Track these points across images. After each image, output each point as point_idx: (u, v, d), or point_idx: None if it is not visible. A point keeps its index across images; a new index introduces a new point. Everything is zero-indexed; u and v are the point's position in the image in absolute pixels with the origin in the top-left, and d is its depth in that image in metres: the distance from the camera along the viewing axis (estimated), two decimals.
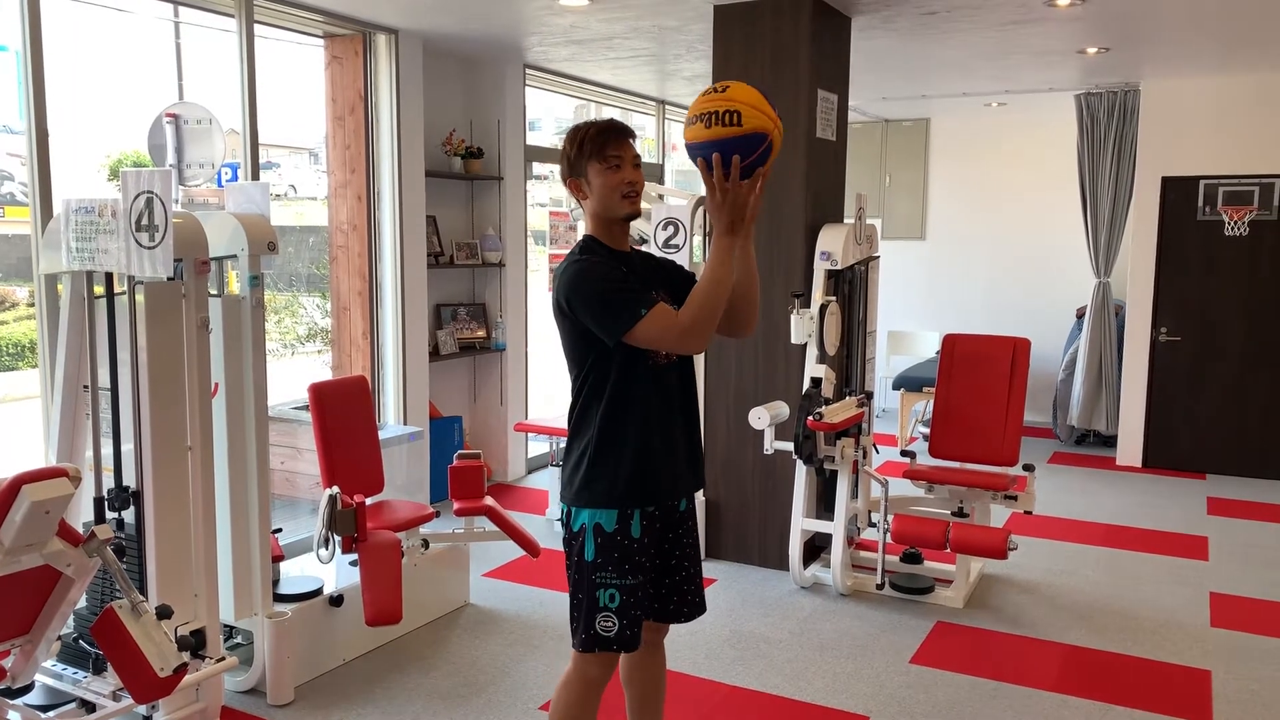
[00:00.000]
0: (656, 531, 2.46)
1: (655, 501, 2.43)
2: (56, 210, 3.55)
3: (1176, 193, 6.75)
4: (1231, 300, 6.69)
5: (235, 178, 4.73)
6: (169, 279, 2.90)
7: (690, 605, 2.58)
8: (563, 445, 5.45)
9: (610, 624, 2.40)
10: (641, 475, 2.38)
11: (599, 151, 2.29)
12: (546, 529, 5.45)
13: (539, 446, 6.72)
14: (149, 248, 2.85)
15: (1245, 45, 5.54)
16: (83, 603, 3.09)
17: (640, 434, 2.37)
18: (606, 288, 2.27)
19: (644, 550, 2.42)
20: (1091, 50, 5.68)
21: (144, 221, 2.85)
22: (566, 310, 2.31)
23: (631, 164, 2.32)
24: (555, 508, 5.64)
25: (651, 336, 2.24)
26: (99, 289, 3.13)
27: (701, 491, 4.96)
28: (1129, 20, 4.97)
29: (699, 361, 4.94)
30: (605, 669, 2.48)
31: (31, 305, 5.73)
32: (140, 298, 2.94)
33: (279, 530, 3.92)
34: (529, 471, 6.70)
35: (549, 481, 5.91)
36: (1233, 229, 6.62)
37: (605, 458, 2.37)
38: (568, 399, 2.48)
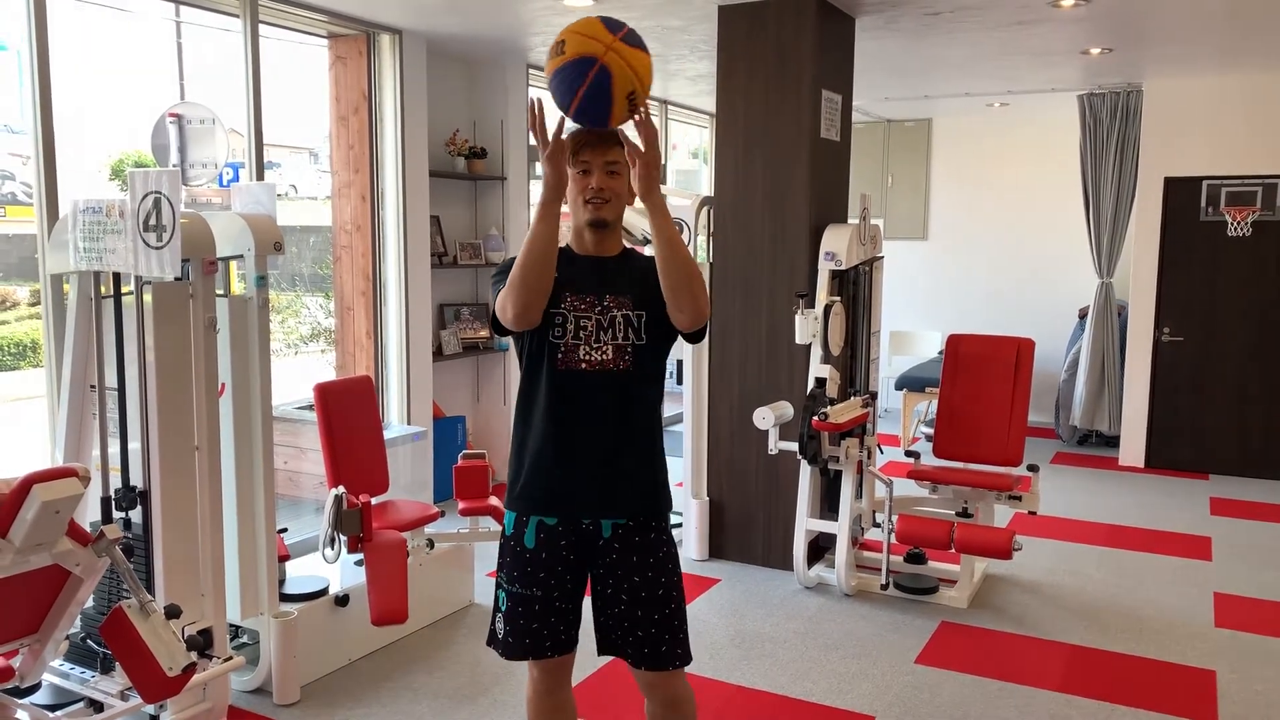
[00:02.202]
0: (562, 549, 2.31)
1: (551, 513, 2.31)
2: (63, 210, 3.56)
3: (1179, 193, 6.75)
4: (1234, 301, 6.70)
5: (236, 178, 4.74)
6: (176, 279, 2.91)
7: (635, 650, 2.31)
8: None
9: (499, 626, 2.38)
10: (534, 482, 2.31)
11: (574, 156, 2.24)
12: None
13: None
14: (156, 248, 2.85)
15: (1248, 45, 5.55)
16: (90, 603, 3.10)
17: (539, 439, 2.30)
18: (492, 281, 2.35)
19: (541, 563, 2.31)
20: (1094, 51, 5.69)
21: (152, 222, 2.86)
22: None
23: (603, 170, 2.23)
24: None
25: (497, 315, 2.28)
26: (106, 289, 3.13)
27: (705, 493, 4.99)
28: (1132, 21, 4.97)
29: (701, 361, 4.94)
30: (537, 681, 2.41)
31: (33, 305, 5.73)
32: (148, 298, 2.95)
33: (284, 530, 3.92)
34: None
35: None
36: (1236, 229, 6.63)
37: (514, 458, 2.38)
38: None
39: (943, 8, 4.69)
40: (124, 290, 3.10)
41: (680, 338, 2.35)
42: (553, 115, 2.20)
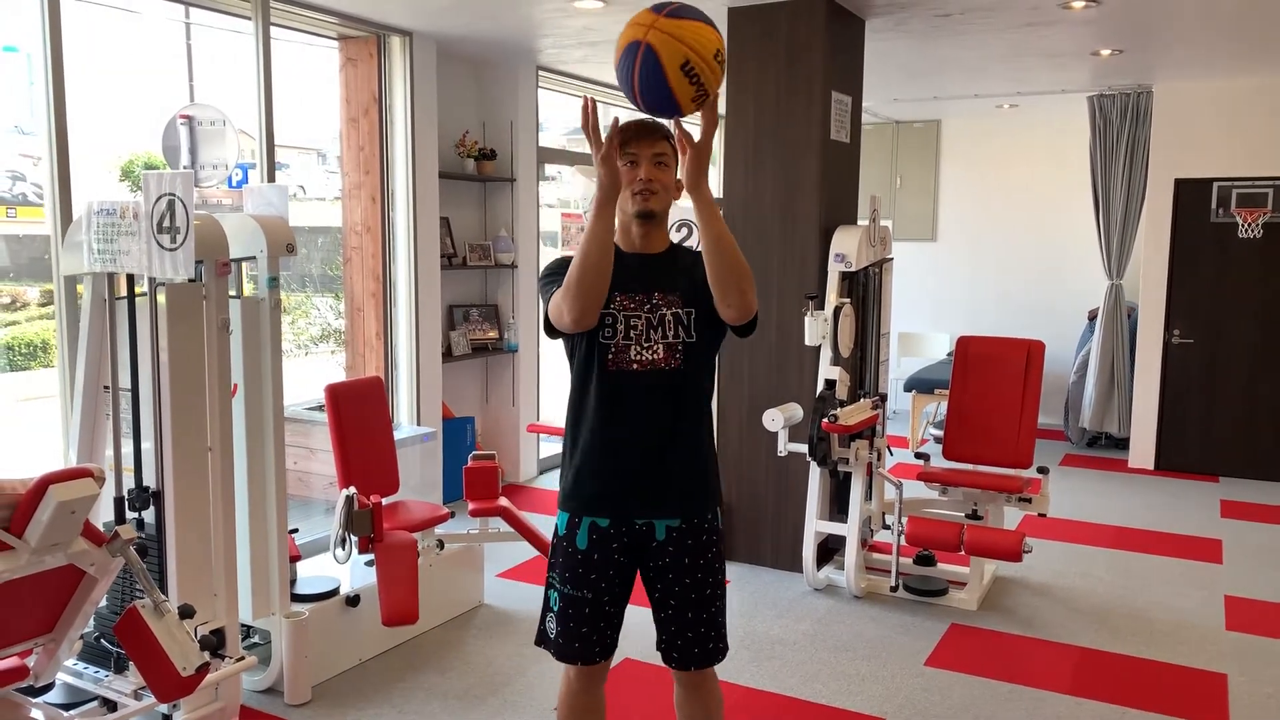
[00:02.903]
0: (613, 551, 2.32)
1: (604, 514, 2.31)
2: (76, 212, 3.57)
3: (1189, 195, 6.74)
4: (1245, 303, 6.68)
5: (245, 179, 4.75)
6: (190, 280, 2.92)
7: (684, 653, 2.35)
8: None
9: (551, 627, 2.39)
10: (588, 483, 2.32)
11: (621, 148, 2.23)
12: None
13: (551, 447, 6.73)
14: (170, 249, 2.87)
15: (1259, 47, 5.53)
16: (103, 602, 3.11)
17: (592, 440, 2.30)
18: (541, 284, 2.35)
19: (593, 565, 2.32)
20: (1105, 52, 5.68)
21: (165, 223, 2.87)
22: None
23: (651, 162, 2.23)
24: None
25: (551, 319, 2.28)
26: (119, 290, 3.14)
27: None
28: (1143, 22, 4.96)
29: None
30: (574, 680, 2.42)
31: (43, 305, 5.75)
32: (161, 299, 2.96)
33: (295, 530, 3.93)
34: (541, 472, 6.71)
35: None
36: (1246, 231, 6.61)
37: (565, 459, 2.39)
38: None
39: (953, 9, 4.69)
40: (138, 291, 3.12)
41: (730, 332, 2.33)
42: (605, 116, 2.18)
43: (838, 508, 4.80)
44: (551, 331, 2.33)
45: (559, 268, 2.28)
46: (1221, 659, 3.92)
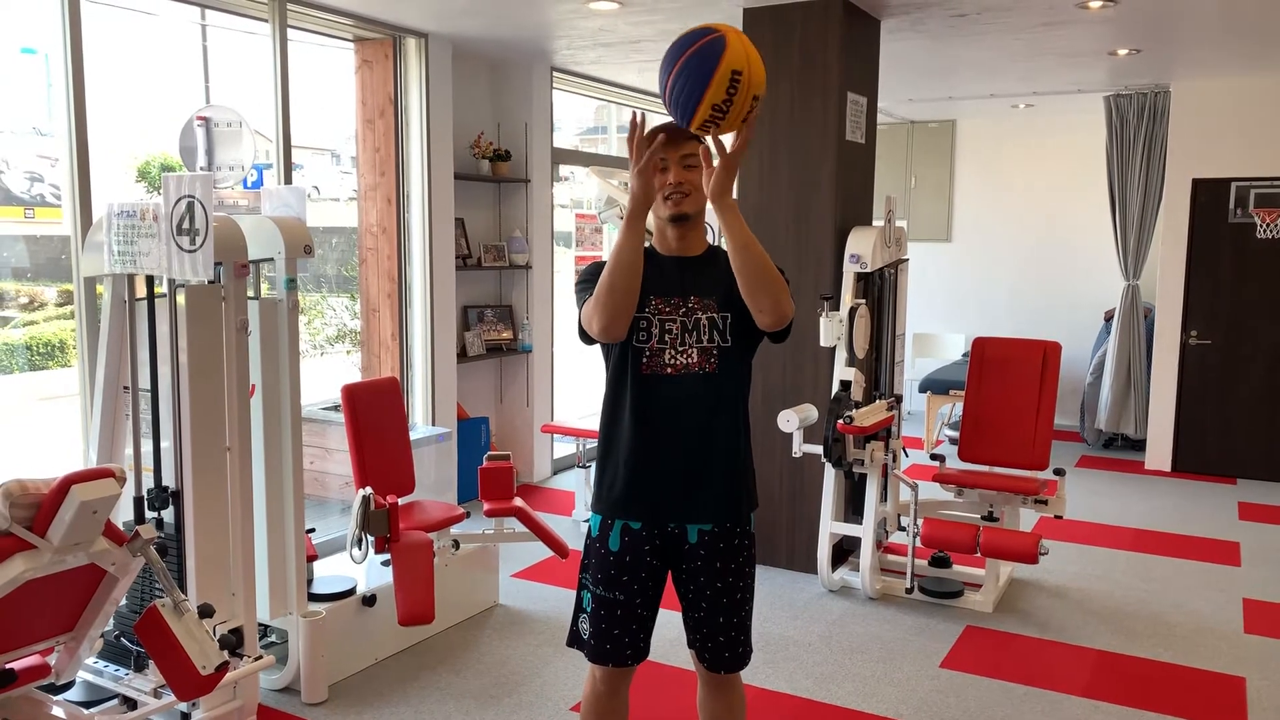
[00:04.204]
0: (646, 553, 2.33)
1: (636, 517, 2.32)
2: (96, 214, 3.60)
3: (1207, 195, 6.69)
4: (1263, 303, 6.63)
5: (260, 180, 4.78)
6: (209, 282, 2.94)
7: (713, 655, 2.37)
8: (588, 447, 5.48)
9: (584, 628, 2.40)
10: (622, 486, 2.32)
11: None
12: (573, 530, 5.46)
13: (565, 448, 6.74)
14: (190, 251, 2.89)
15: (1278, 46, 5.49)
16: (123, 601, 3.13)
17: (624, 444, 2.31)
18: (576, 290, 2.34)
19: (625, 567, 2.32)
20: (1122, 52, 5.65)
21: (185, 225, 2.89)
22: None
23: (680, 164, 2.22)
24: (581, 509, 5.66)
25: (584, 327, 2.28)
26: (139, 291, 3.17)
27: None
28: (1161, 22, 4.93)
29: None
30: (600, 682, 2.42)
31: (61, 305, 5.80)
32: (180, 300, 2.98)
33: (312, 530, 3.95)
34: (555, 473, 6.72)
35: (575, 483, 5.94)
36: (1265, 231, 6.56)
37: (599, 463, 2.39)
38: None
39: (969, 9, 4.67)
40: (157, 293, 3.14)
41: (766, 338, 2.32)
42: (622, 117, 2.17)
43: (853, 509, 4.79)
44: (585, 338, 2.32)
45: (592, 274, 2.27)
46: (1240, 662, 3.89)
